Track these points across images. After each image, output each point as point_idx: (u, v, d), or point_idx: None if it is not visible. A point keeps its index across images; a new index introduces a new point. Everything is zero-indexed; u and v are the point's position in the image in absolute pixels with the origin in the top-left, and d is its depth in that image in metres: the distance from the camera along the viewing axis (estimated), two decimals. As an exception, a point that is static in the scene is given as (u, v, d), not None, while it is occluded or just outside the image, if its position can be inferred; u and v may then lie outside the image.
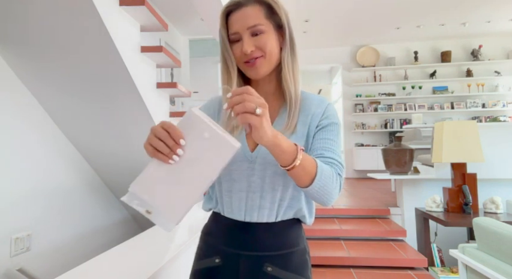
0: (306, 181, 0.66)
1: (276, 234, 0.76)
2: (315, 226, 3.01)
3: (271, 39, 0.75)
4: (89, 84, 1.92)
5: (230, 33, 0.75)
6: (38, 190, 2.11)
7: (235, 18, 0.74)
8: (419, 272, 2.38)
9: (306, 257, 0.80)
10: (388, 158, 3.06)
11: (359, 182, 5.96)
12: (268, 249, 0.76)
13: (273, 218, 0.76)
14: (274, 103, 0.81)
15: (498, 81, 6.43)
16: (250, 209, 0.76)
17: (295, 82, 0.78)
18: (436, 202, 2.64)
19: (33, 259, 2.02)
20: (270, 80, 0.81)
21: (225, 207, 0.79)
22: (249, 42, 0.73)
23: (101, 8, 1.51)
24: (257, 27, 0.73)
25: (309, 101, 0.81)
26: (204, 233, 0.86)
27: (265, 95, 0.79)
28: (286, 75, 0.77)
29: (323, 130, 0.77)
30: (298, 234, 0.80)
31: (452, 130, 2.56)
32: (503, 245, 1.34)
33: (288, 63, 0.78)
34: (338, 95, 7.83)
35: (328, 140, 0.76)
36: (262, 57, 0.74)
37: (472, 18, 5.56)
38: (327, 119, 0.78)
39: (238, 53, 0.76)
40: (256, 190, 0.75)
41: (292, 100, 0.77)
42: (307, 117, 0.78)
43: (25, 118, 2.02)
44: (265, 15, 0.74)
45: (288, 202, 0.77)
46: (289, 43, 0.78)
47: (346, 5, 4.99)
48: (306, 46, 7.02)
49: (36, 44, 1.70)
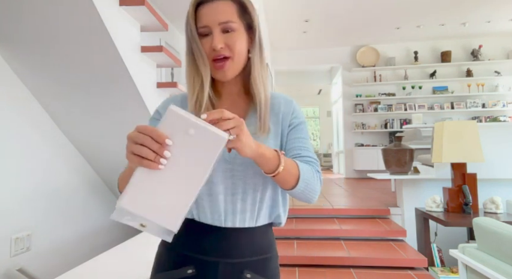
0: (291, 183, 0.68)
1: (254, 239, 0.75)
2: (315, 225, 3.01)
3: (241, 39, 0.72)
4: (89, 84, 1.92)
5: (199, 26, 0.72)
6: (38, 190, 2.11)
7: (207, 11, 0.71)
8: (419, 272, 2.38)
9: (278, 263, 0.81)
10: (388, 158, 3.06)
11: (359, 182, 5.96)
12: (249, 255, 0.73)
13: (253, 222, 0.74)
14: (241, 104, 0.80)
15: (498, 81, 6.44)
16: (232, 214, 0.73)
17: (264, 84, 0.77)
18: (436, 202, 2.64)
19: (33, 259, 2.02)
20: (236, 81, 0.78)
21: (201, 212, 0.73)
22: (220, 38, 0.70)
23: (101, 8, 1.51)
24: (229, 24, 0.70)
25: (277, 100, 0.80)
26: (169, 242, 0.80)
27: (231, 96, 0.80)
28: (256, 77, 0.75)
29: (295, 129, 0.78)
30: (272, 239, 0.80)
31: (452, 130, 2.56)
32: (503, 245, 1.34)
33: (257, 65, 0.76)
34: (338, 95, 7.83)
35: (302, 139, 0.77)
36: (230, 58, 0.72)
37: (472, 18, 5.57)
38: (297, 118, 0.79)
39: (206, 49, 0.72)
40: (237, 191, 0.73)
41: (262, 102, 0.75)
42: (277, 116, 0.78)
43: (25, 118, 2.02)
44: (237, 13, 0.72)
45: (267, 203, 0.76)
46: (258, 45, 0.77)
47: (346, 5, 4.99)
48: (306, 47, 7.02)
49: (36, 44, 1.70)
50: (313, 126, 14.51)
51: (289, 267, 2.48)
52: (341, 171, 7.90)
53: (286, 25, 5.83)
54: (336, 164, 8.74)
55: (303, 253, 2.56)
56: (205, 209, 0.73)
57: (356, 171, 6.82)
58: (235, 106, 0.78)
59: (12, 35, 1.67)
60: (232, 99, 0.80)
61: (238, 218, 0.73)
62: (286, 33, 6.23)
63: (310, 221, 3.16)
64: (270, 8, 5.10)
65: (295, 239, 2.93)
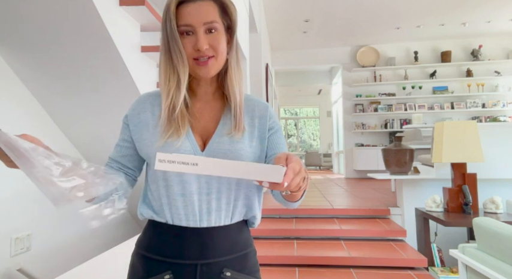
0: (299, 197, 0.69)
1: (231, 237, 0.74)
2: (315, 225, 3.01)
3: (223, 39, 0.73)
4: (89, 84, 1.92)
5: (180, 24, 0.70)
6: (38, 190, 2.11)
7: (190, 10, 0.69)
8: (419, 272, 2.38)
9: (256, 259, 0.80)
10: (388, 158, 3.06)
11: (359, 182, 5.96)
12: (227, 253, 0.73)
13: (228, 220, 0.74)
14: (216, 103, 0.80)
15: (498, 81, 6.44)
16: (207, 213, 0.72)
17: (240, 86, 0.77)
18: (436, 202, 2.64)
19: (33, 259, 2.02)
20: (212, 81, 0.78)
21: (174, 214, 0.72)
22: (204, 38, 0.70)
23: (101, 8, 1.51)
24: (213, 24, 0.70)
25: (252, 102, 0.81)
26: (143, 249, 0.76)
27: (206, 95, 0.79)
28: (232, 78, 0.76)
29: (275, 134, 0.80)
30: (249, 235, 0.80)
31: (452, 130, 2.56)
32: (503, 245, 1.34)
33: (234, 65, 0.76)
34: (338, 95, 7.83)
35: (282, 145, 0.80)
36: (213, 57, 0.72)
37: (472, 18, 5.57)
38: (275, 123, 0.81)
39: (189, 48, 0.71)
40: (212, 191, 0.72)
41: (236, 102, 0.75)
42: (253, 119, 0.78)
43: (25, 118, 2.02)
44: (219, 13, 0.72)
45: (242, 201, 0.75)
46: (235, 46, 0.77)
47: (346, 5, 4.99)
48: (306, 47, 7.02)
49: (36, 43, 1.70)
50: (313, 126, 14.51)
51: (289, 267, 2.48)
52: (341, 171, 7.90)
53: (286, 25, 5.83)
54: (336, 164, 8.74)
55: (303, 253, 2.56)
56: (179, 210, 0.71)
57: (356, 171, 6.83)
58: (210, 106, 0.79)
59: (12, 34, 1.67)
60: (207, 98, 0.80)
61: (214, 216, 0.72)
62: (286, 33, 6.23)
63: (310, 221, 3.16)
64: (270, 8, 5.10)
65: (295, 239, 2.93)
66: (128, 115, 0.80)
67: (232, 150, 0.72)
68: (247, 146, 0.74)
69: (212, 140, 0.73)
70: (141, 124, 0.77)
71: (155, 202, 0.74)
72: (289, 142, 13.47)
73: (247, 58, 3.82)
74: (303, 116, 13.81)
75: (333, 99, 8.85)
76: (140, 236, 0.80)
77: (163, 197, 0.72)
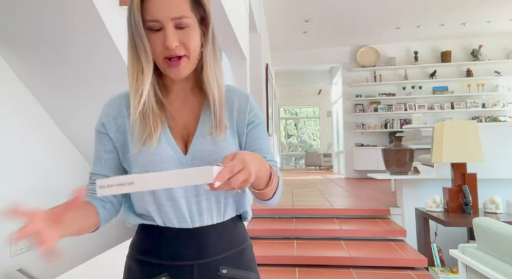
0: (268, 196, 0.67)
1: (226, 233, 0.73)
2: (315, 225, 3.01)
3: (195, 35, 0.67)
4: (89, 84, 1.92)
5: (147, 19, 0.64)
6: (38, 190, 2.11)
7: (157, 3, 0.63)
8: (419, 272, 2.38)
9: (253, 252, 0.80)
10: (388, 158, 3.06)
11: (359, 182, 5.96)
12: (223, 251, 0.72)
13: (221, 217, 0.72)
14: (194, 100, 0.75)
15: (498, 81, 6.44)
16: (198, 214, 0.70)
17: (218, 80, 0.72)
18: (436, 202, 2.64)
19: (33, 259, 2.02)
20: (188, 77, 0.73)
21: (165, 217, 0.70)
22: (173, 35, 0.64)
23: (101, 8, 1.51)
24: (183, 20, 0.64)
25: (231, 94, 0.76)
26: (137, 252, 0.74)
27: (184, 93, 0.75)
28: (208, 74, 0.70)
29: (255, 129, 0.75)
30: (244, 231, 0.79)
31: (452, 130, 2.56)
32: (503, 245, 1.34)
33: (210, 61, 0.71)
34: (338, 95, 7.83)
35: (264, 141, 0.76)
36: (185, 56, 0.66)
37: (472, 18, 5.57)
38: (256, 117, 0.76)
39: (158, 46, 0.65)
40: (200, 193, 0.70)
41: (215, 100, 0.70)
42: (231, 112, 0.74)
43: (25, 118, 2.02)
44: (190, 6, 0.65)
45: (232, 198, 0.74)
46: (211, 39, 0.71)
47: (346, 5, 4.99)
48: (306, 47, 7.02)
49: (36, 44, 1.70)
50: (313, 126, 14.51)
51: (289, 267, 2.48)
52: (341, 171, 7.90)
53: (286, 25, 5.83)
54: (336, 164, 8.74)
55: (303, 253, 2.56)
56: (169, 214, 0.70)
57: (356, 171, 6.83)
58: (188, 104, 0.75)
59: (12, 34, 1.67)
60: (185, 95, 0.75)
61: (206, 216, 0.71)
62: (286, 33, 6.24)
63: (310, 221, 3.16)
64: (270, 8, 5.10)
65: (295, 239, 2.93)
66: (104, 123, 0.73)
67: (217, 150, 0.69)
68: (232, 145, 0.72)
69: (194, 141, 0.70)
70: (120, 130, 0.72)
71: (142, 209, 0.72)
72: (289, 142, 13.48)
73: (247, 58, 3.82)
74: (303, 116, 13.81)
75: (333, 99, 8.85)
76: (133, 239, 0.78)
77: (150, 204, 0.70)
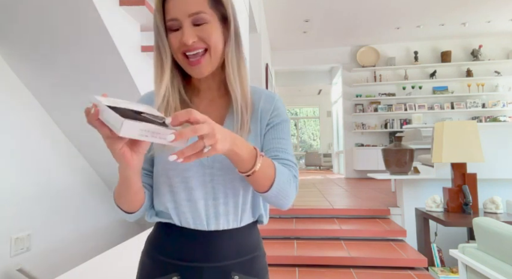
0: (265, 186, 0.63)
1: (240, 240, 0.72)
2: (315, 225, 3.01)
3: (215, 31, 0.66)
4: (89, 84, 1.92)
5: (167, 19, 0.65)
6: (38, 189, 2.11)
7: (175, 2, 0.64)
8: (419, 272, 2.38)
9: (266, 261, 0.78)
10: (388, 158, 3.06)
11: (359, 182, 5.96)
12: (235, 257, 0.70)
13: (237, 223, 0.71)
14: (220, 101, 0.74)
15: (498, 81, 6.44)
16: (214, 217, 0.69)
17: (242, 82, 0.70)
18: (436, 202, 2.64)
19: (33, 259, 2.02)
20: (213, 76, 0.73)
21: (182, 217, 0.70)
22: (191, 31, 0.64)
23: (101, 8, 1.51)
24: (200, 15, 0.64)
25: (257, 96, 0.75)
26: (152, 249, 0.75)
27: (210, 91, 0.75)
28: (230, 75, 0.69)
29: (275, 128, 0.73)
30: (258, 237, 0.77)
31: (452, 130, 2.56)
32: (503, 245, 1.34)
33: (233, 60, 0.70)
34: (338, 95, 7.83)
35: (281, 140, 0.72)
36: (206, 52, 0.66)
37: (472, 18, 5.57)
38: (277, 117, 0.73)
39: (176, 43, 0.66)
40: (219, 196, 0.69)
41: (238, 101, 0.69)
42: (256, 113, 0.73)
43: (25, 118, 2.02)
44: (209, 3, 0.65)
45: (250, 204, 0.73)
46: (235, 37, 0.70)
47: (346, 5, 4.99)
48: (306, 47, 7.02)
49: (36, 43, 1.70)
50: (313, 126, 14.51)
51: (289, 267, 2.48)
52: (341, 171, 7.90)
53: (286, 25, 5.83)
54: (336, 164, 8.74)
55: (303, 253, 2.56)
56: (186, 214, 0.70)
57: (356, 171, 6.82)
58: (214, 105, 0.74)
59: (11, 34, 1.67)
60: (211, 96, 0.75)
61: (222, 220, 0.70)
62: (286, 33, 6.23)
63: (310, 221, 3.16)
64: (270, 8, 5.10)
65: (295, 239, 2.93)
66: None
67: None
68: None
69: None
70: None
71: (161, 205, 0.72)
72: (289, 142, 13.47)
73: (247, 58, 3.82)
74: (303, 116, 13.81)
75: (333, 99, 8.85)
76: (150, 235, 0.78)
77: (170, 202, 0.70)
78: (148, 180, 0.74)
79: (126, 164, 0.55)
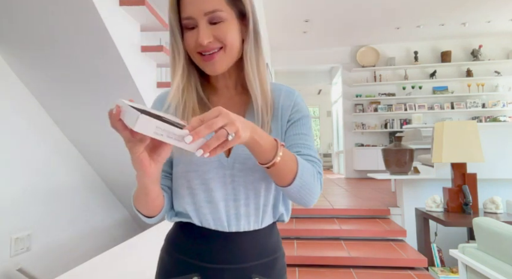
0: (287, 179, 0.61)
1: (261, 241, 0.70)
2: (315, 225, 3.01)
3: (232, 29, 0.64)
4: (89, 84, 1.92)
5: (183, 17, 0.63)
6: (38, 189, 2.11)
7: (190, 0, 0.62)
8: (419, 272, 2.38)
9: (285, 261, 0.77)
10: (388, 158, 3.06)
11: (359, 182, 5.96)
12: (256, 258, 0.69)
13: (258, 224, 0.70)
14: (239, 99, 0.72)
15: (498, 81, 6.44)
16: (235, 219, 0.68)
17: (261, 79, 0.68)
18: (436, 202, 2.64)
19: (33, 259, 2.02)
20: (230, 74, 0.71)
21: (203, 218, 0.69)
22: (206, 31, 0.62)
23: (101, 8, 1.51)
24: (216, 14, 0.62)
25: (277, 93, 0.73)
26: (171, 247, 0.73)
27: (228, 89, 0.73)
28: (249, 74, 0.67)
29: (296, 124, 0.70)
30: (278, 238, 0.76)
31: (452, 130, 2.56)
32: (503, 245, 1.34)
33: (251, 58, 0.67)
34: (338, 95, 7.83)
35: (303, 136, 0.70)
36: (221, 49, 0.64)
37: (472, 18, 5.57)
38: (298, 112, 0.71)
39: (192, 43, 0.64)
40: (240, 198, 0.68)
41: (258, 100, 0.67)
42: (277, 110, 0.71)
43: (25, 118, 2.02)
44: (226, 0, 0.63)
45: (271, 205, 0.71)
46: (253, 34, 0.68)
47: (346, 5, 4.99)
48: (306, 47, 7.02)
49: (36, 43, 1.70)
50: (313, 126, 14.54)
51: (289, 267, 2.48)
52: (341, 171, 7.90)
53: (286, 25, 5.83)
54: (336, 164, 8.74)
55: (303, 253, 2.56)
56: (207, 215, 0.68)
57: (356, 171, 6.82)
58: (232, 103, 0.72)
59: (11, 34, 1.67)
60: (229, 94, 0.73)
61: (243, 222, 0.68)
62: (286, 33, 6.23)
63: (310, 221, 3.16)
64: (270, 8, 5.10)
65: (295, 239, 2.93)
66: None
67: None
68: None
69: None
70: None
71: (181, 207, 0.71)
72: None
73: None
74: (303, 116, 13.81)
75: (332, 99, 8.84)
76: (169, 232, 0.77)
77: (189, 204, 0.69)
78: (167, 182, 0.73)
79: (143, 171, 0.54)
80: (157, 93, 2.19)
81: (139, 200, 0.64)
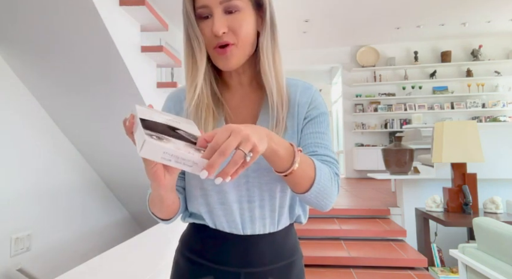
0: (304, 186, 0.58)
1: (277, 244, 0.68)
2: (315, 225, 3.01)
3: (248, 20, 0.61)
4: (89, 84, 1.92)
5: (197, 6, 0.61)
6: (38, 189, 2.11)
7: None
8: (419, 272, 2.38)
9: (303, 263, 0.75)
10: (388, 158, 3.06)
11: (359, 182, 5.96)
12: (272, 262, 0.67)
13: (274, 227, 0.67)
14: (253, 95, 0.69)
15: (498, 81, 6.44)
16: (250, 221, 0.65)
17: (277, 75, 0.65)
18: (436, 202, 2.64)
19: (33, 259, 2.02)
20: (244, 70, 0.68)
21: (217, 220, 0.66)
22: (222, 20, 0.59)
23: (101, 8, 1.51)
24: (232, 2, 0.59)
25: (293, 88, 0.69)
26: (185, 249, 0.71)
27: (242, 86, 0.70)
28: (265, 66, 0.64)
29: (312, 122, 0.67)
30: (295, 240, 0.73)
31: (452, 130, 2.56)
32: (503, 245, 1.34)
33: (268, 51, 0.65)
34: (338, 95, 7.83)
35: (320, 134, 0.66)
36: (234, 45, 0.61)
37: (472, 18, 5.56)
38: (315, 109, 0.68)
39: (207, 33, 0.61)
40: (254, 199, 0.65)
41: (273, 96, 0.64)
42: (293, 108, 0.67)
43: (25, 118, 2.02)
44: None
45: (287, 206, 0.68)
46: (270, 26, 0.65)
47: (346, 5, 4.99)
48: (306, 47, 7.02)
49: (36, 43, 1.70)
50: (313, 126, 14.55)
51: (289, 267, 2.48)
52: (341, 171, 7.90)
53: (286, 25, 5.83)
54: (336, 164, 8.73)
55: (303, 253, 2.55)
56: (221, 218, 0.66)
57: (356, 171, 6.82)
58: (246, 100, 0.69)
59: (12, 34, 1.67)
60: (243, 91, 0.70)
61: (258, 224, 0.66)
62: (286, 33, 6.23)
63: (310, 221, 3.15)
64: (270, 8, 5.10)
65: (295, 239, 2.93)
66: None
67: None
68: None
69: None
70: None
71: (194, 208, 0.69)
72: (289, 142, 13.47)
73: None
74: (303, 116, 13.81)
75: (332, 99, 8.85)
76: (184, 233, 0.75)
77: (202, 206, 0.67)
78: (182, 183, 0.71)
79: (157, 183, 0.52)
80: (157, 93, 2.19)
81: (155, 204, 0.63)
